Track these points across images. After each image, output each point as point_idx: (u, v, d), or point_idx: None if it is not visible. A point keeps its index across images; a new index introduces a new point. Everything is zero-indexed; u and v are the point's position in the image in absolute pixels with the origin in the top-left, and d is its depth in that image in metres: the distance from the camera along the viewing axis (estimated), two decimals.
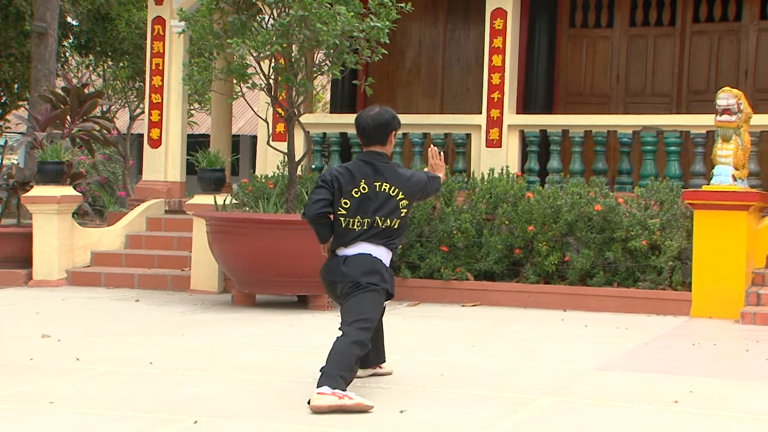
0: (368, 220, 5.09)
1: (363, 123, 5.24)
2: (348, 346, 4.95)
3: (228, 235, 8.98)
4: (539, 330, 7.87)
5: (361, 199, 5.11)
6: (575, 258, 9.23)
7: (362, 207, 5.11)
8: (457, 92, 13.18)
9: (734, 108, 8.81)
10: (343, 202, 5.11)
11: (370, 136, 5.23)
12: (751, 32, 12.05)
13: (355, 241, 5.14)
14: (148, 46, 12.23)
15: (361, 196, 5.11)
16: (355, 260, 5.11)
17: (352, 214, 5.11)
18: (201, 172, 10.65)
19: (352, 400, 4.75)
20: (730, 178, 8.85)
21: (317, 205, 5.16)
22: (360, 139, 5.30)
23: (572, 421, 4.74)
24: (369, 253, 5.11)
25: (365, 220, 5.09)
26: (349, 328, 5.02)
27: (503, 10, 10.96)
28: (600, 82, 12.73)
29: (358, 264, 5.10)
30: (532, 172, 10.82)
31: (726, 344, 7.29)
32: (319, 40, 8.76)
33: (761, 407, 5.08)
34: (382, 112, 5.26)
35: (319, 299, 8.91)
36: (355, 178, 5.14)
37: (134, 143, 21.42)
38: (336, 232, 5.20)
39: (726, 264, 8.69)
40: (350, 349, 4.95)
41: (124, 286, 10.39)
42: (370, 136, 5.22)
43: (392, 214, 5.12)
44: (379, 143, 5.22)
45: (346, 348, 4.95)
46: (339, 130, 11.58)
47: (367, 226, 5.09)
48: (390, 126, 5.24)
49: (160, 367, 5.87)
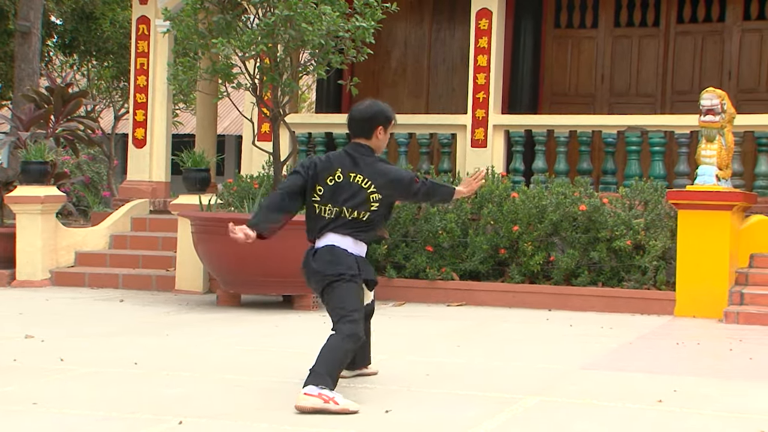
0: (337, 209, 5.08)
1: (351, 115, 5.26)
2: (340, 342, 4.91)
3: (213, 235, 8.96)
4: (524, 330, 7.89)
5: (334, 188, 5.10)
6: (560, 258, 9.26)
7: (334, 196, 5.10)
8: (442, 92, 13.19)
9: (718, 108, 8.85)
10: (317, 188, 5.12)
11: (354, 128, 5.24)
12: (734, 33, 12.11)
13: (323, 231, 5.13)
14: (132, 45, 12.20)
15: (335, 185, 5.10)
16: (320, 254, 5.11)
17: (325, 201, 5.11)
18: (186, 172, 10.62)
19: (338, 405, 4.72)
20: (713, 178, 8.89)
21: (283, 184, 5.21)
22: (348, 130, 5.32)
23: (557, 420, 4.76)
24: (332, 245, 5.08)
25: (334, 209, 5.08)
26: (338, 325, 5.00)
27: (488, 11, 10.98)
28: (585, 83, 12.77)
29: (322, 257, 5.10)
30: (517, 172, 10.85)
31: (710, 343, 7.32)
32: (304, 40, 8.75)
33: (744, 406, 5.11)
34: (371, 106, 5.25)
35: (304, 299, 8.91)
36: (332, 166, 5.15)
37: (119, 143, 21.34)
38: (309, 220, 5.20)
39: (710, 264, 8.73)
40: (343, 345, 4.91)
41: (108, 287, 10.36)
42: (354, 128, 5.24)
43: (361, 206, 5.08)
44: (363, 136, 5.20)
45: (338, 344, 4.91)
46: (324, 130, 11.57)
47: (335, 215, 5.09)
48: (374, 120, 5.19)
49: (144, 368, 5.85)
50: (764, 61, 11.99)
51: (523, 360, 6.39)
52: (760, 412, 4.98)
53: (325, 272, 5.08)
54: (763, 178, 10.09)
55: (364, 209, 5.09)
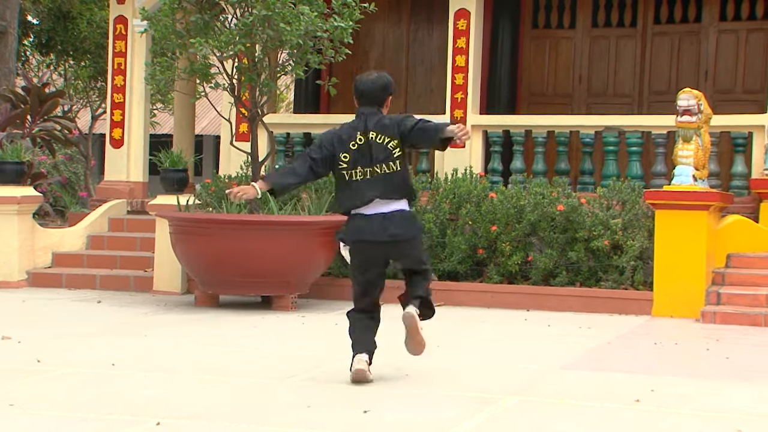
0: (368, 168, 5.29)
1: (363, 85, 5.42)
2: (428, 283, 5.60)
3: (191, 235, 8.93)
4: (503, 330, 7.91)
5: (358, 150, 5.32)
6: (538, 258, 9.28)
7: (363, 158, 5.31)
8: (420, 92, 13.20)
9: (695, 109, 8.90)
10: (342, 156, 5.31)
11: (367, 98, 5.42)
12: (710, 33, 12.19)
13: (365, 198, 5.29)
14: (110, 45, 12.14)
15: (358, 148, 5.32)
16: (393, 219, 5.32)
17: (353, 165, 5.31)
18: (164, 173, 10.57)
19: None
20: (690, 179, 8.94)
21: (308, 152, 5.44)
22: (358, 102, 5.46)
23: (536, 420, 4.77)
24: (401, 209, 5.35)
25: (366, 169, 5.29)
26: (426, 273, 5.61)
27: (466, 11, 11.00)
28: (563, 83, 12.81)
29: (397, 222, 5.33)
30: (495, 172, 10.87)
31: (687, 343, 7.37)
32: (282, 40, 8.74)
33: (721, 406, 5.14)
34: (381, 77, 5.47)
35: (282, 300, 8.89)
36: (351, 132, 5.37)
37: (96, 143, 21.23)
38: (342, 190, 5.37)
39: (687, 263, 8.78)
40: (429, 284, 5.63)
41: (85, 287, 10.30)
42: (367, 98, 5.42)
43: (389, 159, 5.30)
44: (377, 105, 5.41)
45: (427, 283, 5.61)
46: (303, 130, 11.56)
47: (369, 175, 5.28)
48: (387, 90, 5.44)
49: (122, 369, 5.82)
50: (740, 61, 12.07)
51: (502, 360, 6.41)
52: (736, 411, 5.01)
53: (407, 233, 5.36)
54: (740, 179, 10.16)
55: (391, 161, 5.29)
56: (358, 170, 5.29)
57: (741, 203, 9.89)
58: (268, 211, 9.30)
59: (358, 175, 5.29)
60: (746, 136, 10.13)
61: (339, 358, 6.32)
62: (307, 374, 5.79)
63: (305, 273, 9.04)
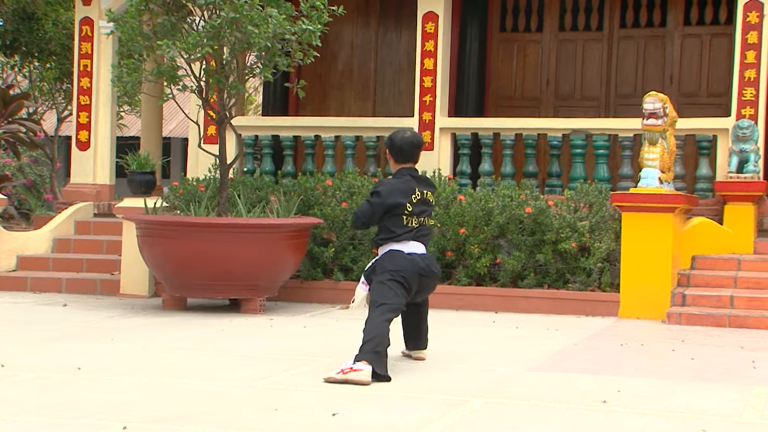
0: (421, 219, 6.19)
1: (408, 142, 6.24)
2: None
3: (158, 238, 8.88)
4: (471, 332, 7.93)
5: (417, 204, 6.16)
6: (506, 260, 9.32)
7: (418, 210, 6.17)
8: (389, 95, 13.22)
9: (660, 112, 8.98)
10: (407, 206, 6.12)
11: (409, 154, 6.26)
12: (675, 38, 12.30)
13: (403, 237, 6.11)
14: (75, 47, 12.05)
15: (418, 201, 6.16)
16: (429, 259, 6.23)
17: (413, 215, 6.14)
18: (131, 175, 10.52)
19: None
20: (656, 181, 9.02)
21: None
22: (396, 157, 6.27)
23: (504, 421, 4.79)
24: (426, 253, 6.23)
25: (419, 219, 6.17)
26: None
27: (435, 14, 11.04)
28: (530, 86, 12.88)
29: (431, 261, 6.25)
30: (463, 174, 10.91)
31: (653, 344, 7.43)
32: (250, 43, 8.72)
33: (687, 406, 5.19)
34: (416, 135, 6.33)
35: (251, 302, 8.86)
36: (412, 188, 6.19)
37: (62, 145, 21.05)
38: (392, 229, 6.12)
39: (653, 265, 8.85)
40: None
41: (51, 291, 10.21)
42: (409, 153, 6.26)
43: (430, 215, 6.32)
44: (414, 161, 6.30)
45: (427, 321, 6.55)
46: (271, 132, 11.54)
47: (418, 225, 6.17)
48: (420, 147, 6.33)
49: (88, 373, 5.78)
50: (704, 65, 12.20)
51: (469, 362, 6.43)
52: (702, 411, 5.06)
53: (439, 273, 6.34)
54: (704, 181, 10.26)
55: (430, 216, 6.33)
56: (414, 219, 6.15)
57: (705, 205, 10.00)
58: (237, 214, 9.27)
59: (413, 223, 6.15)
60: (711, 139, 10.24)
61: (307, 361, 6.31)
62: (275, 377, 5.78)
63: (274, 276, 9.02)
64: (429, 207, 6.27)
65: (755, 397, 5.42)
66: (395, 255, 6.10)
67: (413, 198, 6.15)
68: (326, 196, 9.95)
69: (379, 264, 6.12)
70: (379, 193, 6.16)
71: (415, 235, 6.17)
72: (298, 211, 9.61)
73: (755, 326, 8.27)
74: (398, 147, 6.23)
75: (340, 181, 10.09)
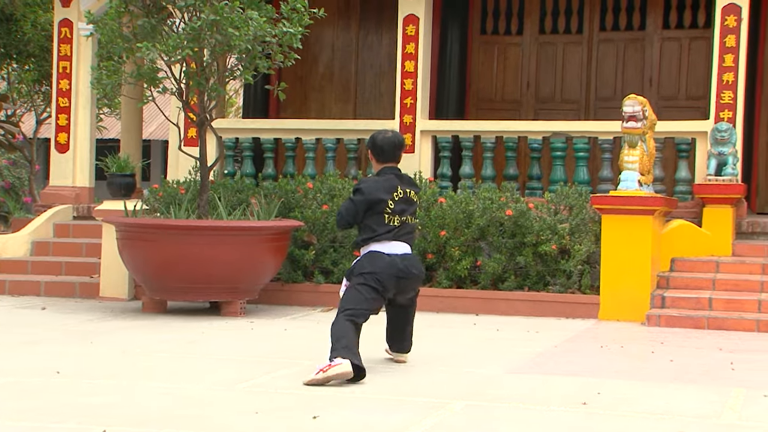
0: (403, 218, 6.16)
1: (389, 142, 6.27)
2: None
3: (138, 241, 8.85)
4: (452, 334, 7.94)
5: (400, 202, 6.16)
6: (487, 262, 9.34)
7: (401, 209, 6.16)
8: (370, 97, 13.22)
9: (640, 115, 9.03)
10: (389, 203, 6.11)
11: (391, 154, 6.28)
12: (655, 41, 12.37)
13: (384, 237, 6.10)
14: (54, 48, 11.99)
15: (400, 200, 6.16)
16: (413, 260, 6.22)
17: (394, 213, 6.12)
18: (110, 178, 10.48)
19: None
20: (636, 184, 9.07)
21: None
22: (378, 157, 6.29)
23: (484, 424, 4.80)
24: (410, 253, 6.22)
25: (402, 218, 6.15)
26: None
27: (415, 17, 11.05)
28: (511, 89, 12.92)
29: (415, 263, 6.25)
30: (444, 177, 10.92)
31: (632, 346, 7.46)
32: (231, 45, 8.70)
33: (666, 408, 5.21)
34: (397, 135, 6.37)
35: (231, 305, 8.84)
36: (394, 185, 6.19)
37: (40, 148, 20.91)
38: (373, 228, 6.10)
39: (632, 268, 8.89)
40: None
41: (30, 294, 10.15)
42: (391, 153, 6.28)
43: (414, 213, 6.30)
44: (396, 161, 6.32)
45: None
46: (251, 135, 11.51)
47: (399, 224, 6.15)
48: (402, 147, 6.37)
49: (68, 376, 5.75)
50: (683, 69, 12.27)
51: (450, 365, 6.44)
52: (681, 413, 5.09)
53: (421, 274, 6.31)
54: (683, 184, 10.32)
55: (414, 215, 6.31)
56: (396, 218, 6.13)
57: (684, 208, 10.05)
58: (217, 217, 9.25)
59: (395, 222, 6.13)
60: (690, 142, 10.30)
61: (288, 364, 6.30)
62: (256, 380, 5.76)
63: (254, 278, 9.00)
64: (412, 206, 6.26)
65: (733, 399, 5.46)
66: (375, 256, 6.09)
67: (395, 195, 6.15)
68: (307, 199, 9.94)
69: (358, 265, 6.13)
70: (361, 190, 6.16)
71: (396, 234, 6.14)
72: (279, 214, 9.59)
73: (733, 328, 8.32)
74: (380, 147, 6.27)
75: (320, 184, 10.08)
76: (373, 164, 6.37)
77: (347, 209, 6.18)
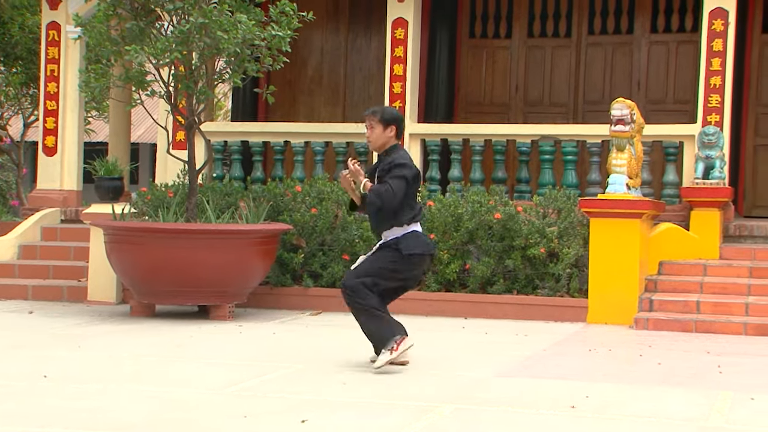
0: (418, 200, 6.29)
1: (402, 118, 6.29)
2: None
3: (126, 244, 8.82)
4: (441, 338, 7.94)
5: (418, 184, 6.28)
6: (476, 266, 9.35)
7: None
8: (359, 101, 13.22)
9: (628, 118, 9.05)
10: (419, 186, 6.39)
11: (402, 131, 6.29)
12: (642, 45, 12.41)
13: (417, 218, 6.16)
14: (42, 51, 11.95)
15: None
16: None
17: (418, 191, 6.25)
18: (98, 181, 10.45)
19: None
20: (624, 187, 9.09)
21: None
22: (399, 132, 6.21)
23: (473, 427, 4.80)
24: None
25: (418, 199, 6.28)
26: None
27: (404, 20, 11.06)
28: (499, 92, 12.93)
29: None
30: (433, 180, 10.93)
31: (621, 349, 7.47)
32: (219, 48, 8.69)
33: (653, 410, 5.23)
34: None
35: (220, 309, 8.82)
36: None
37: (28, 151, 20.83)
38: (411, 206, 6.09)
39: (620, 271, 8.91)
40: None
41: (17, 298, 10.11)
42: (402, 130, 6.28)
43: None
44: None
45: None
46: (240, 138, 11.50)
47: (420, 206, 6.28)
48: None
49: (55, 380, 5.73)
50: (671, 72, 12.31)
51: (439, 368, 6.44)
52: (668, 416, 5.10)
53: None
54: (671, 187, 10.35)
55: None
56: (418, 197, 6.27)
57: (672, 211, 10.08)
58: (206, 220, 9.23)
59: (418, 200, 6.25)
60: (677, 145, 10.33)
61: (277, 368, 6.29)
62: (244, 384, 5.75)
63: (243, 282, 8.98)
64: None
65: (721, 402, 5.48)
66: (419, 237, 6.14)
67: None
68: (296, 202, 9.93)
69: (404, 243, 6.06)
70: (407, 164, 6.02)
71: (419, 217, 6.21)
72: (268, 217, 9.58)
73: (721, 331, 8.35)
74: (401, 120, 6.25)
75: (309, 187, 10.08)
76: (389, 140, 6.15)
77: (399, 187, 5.95)
